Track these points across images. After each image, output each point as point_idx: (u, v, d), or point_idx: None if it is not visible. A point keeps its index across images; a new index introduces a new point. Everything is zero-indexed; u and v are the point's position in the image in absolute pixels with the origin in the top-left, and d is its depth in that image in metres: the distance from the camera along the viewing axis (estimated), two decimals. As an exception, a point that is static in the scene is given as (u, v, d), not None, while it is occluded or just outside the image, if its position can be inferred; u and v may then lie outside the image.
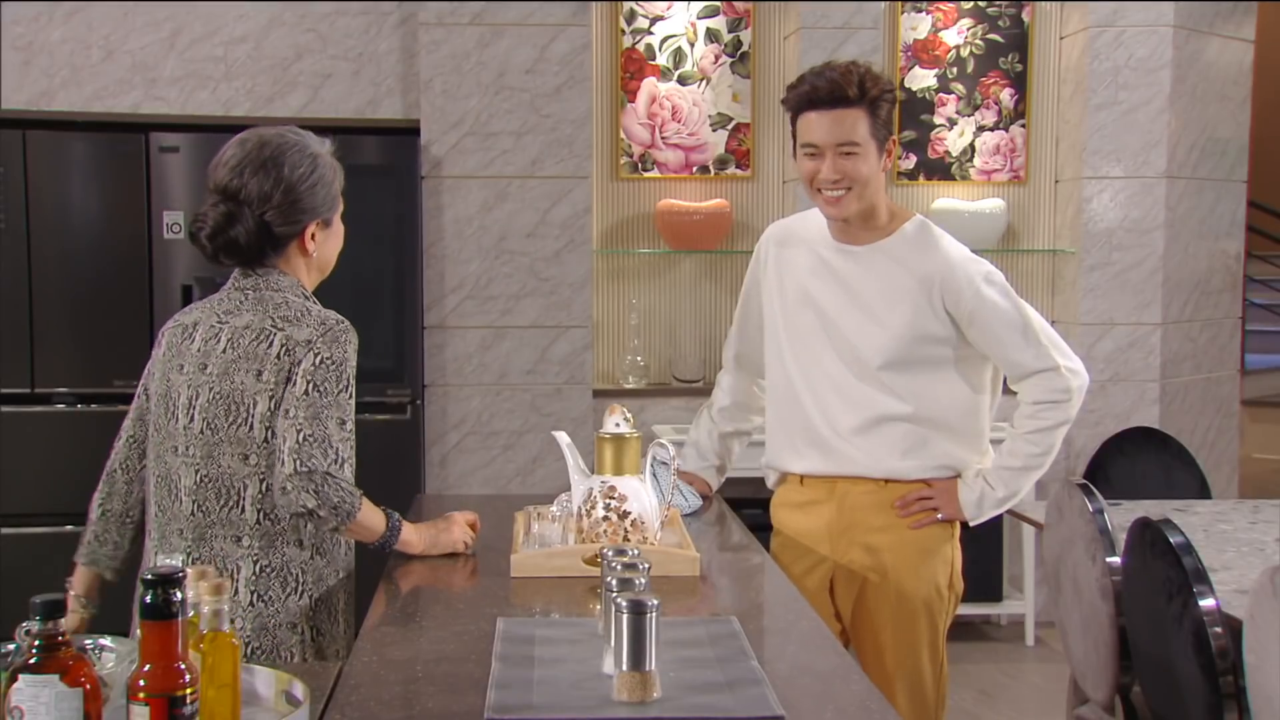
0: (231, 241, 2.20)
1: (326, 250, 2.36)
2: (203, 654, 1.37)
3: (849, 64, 2.54)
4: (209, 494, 2.13)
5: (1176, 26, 4.95)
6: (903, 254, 2.59)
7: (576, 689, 1.59)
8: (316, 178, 2.23)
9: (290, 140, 2.22)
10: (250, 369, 2.15)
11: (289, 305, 2.23)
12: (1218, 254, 5.30)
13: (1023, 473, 2.64)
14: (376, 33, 4.83)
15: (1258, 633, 2.04)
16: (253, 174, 2.18)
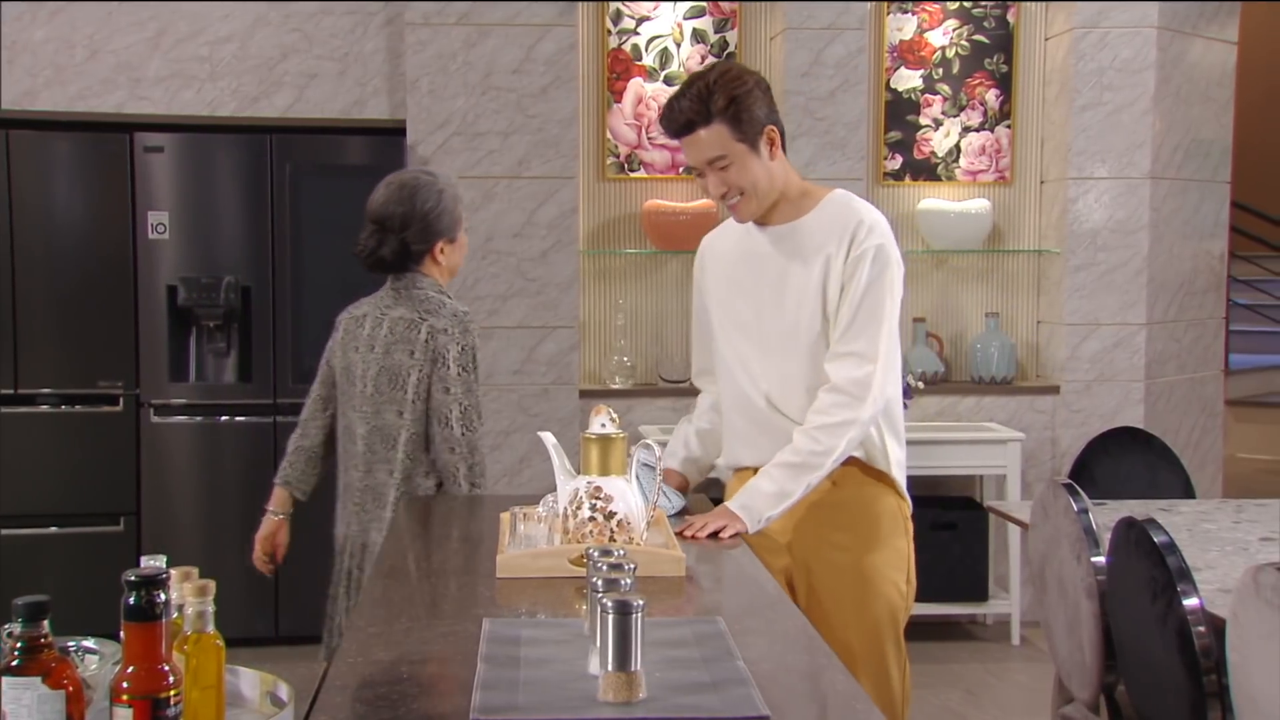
0: (380, 258, 2.92)
1: (454, 259, 3.00)
2: (187, 655, 1.36)
3: (697, 79, 2.51)
4: (375, 439, 2.90)
5: (1160, 28, 4.97)
6: (820, 227, 2.57)
7: (562, 690, 1.59)
8: (442, 209, 2.91)
9: (423, 180, 2.94)
10: (405, 349, 2.86)
11: (429, 300, 2.89)
12: (1202, 254, 5.32)
13: (799, 470, 2.46)
14: (363, 33, 4.82)
15: (1241, 632, 2.05)
16: (396, 207, 2.89)
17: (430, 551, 2.60)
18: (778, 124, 2.55)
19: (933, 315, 5.21)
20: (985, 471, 4.94)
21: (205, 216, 4.66)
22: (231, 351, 4.72)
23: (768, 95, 2.55)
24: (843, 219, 2.57)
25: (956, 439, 4.84)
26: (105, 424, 4.64)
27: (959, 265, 5.24)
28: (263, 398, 4.69)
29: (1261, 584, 1.97)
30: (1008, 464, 4.79)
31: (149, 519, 4.67)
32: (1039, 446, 5.06)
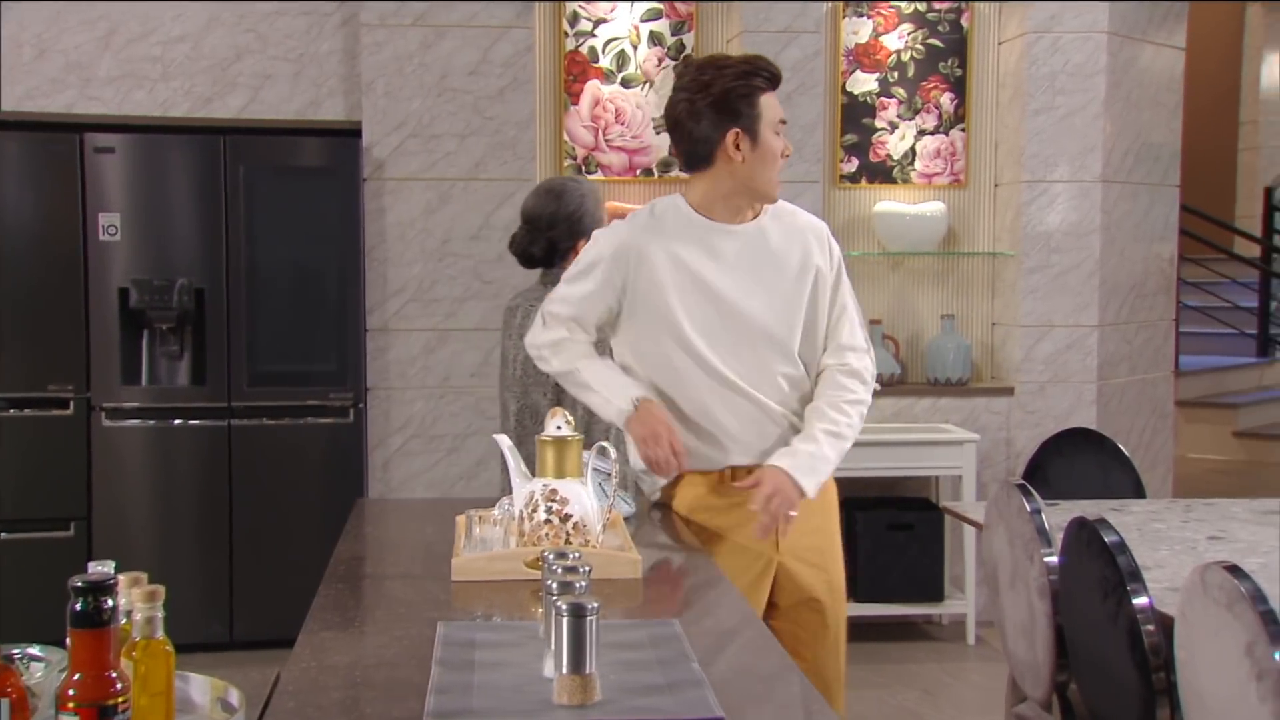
0: (530, 254, 3.21)
1: None
2: (135, 662, 1.34)
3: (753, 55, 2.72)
4: (525, 416, 3.11)
5: (1111, 33, 5.03)
6: (785, 231, 2.69)
7: (517, 693, 1.59)
8: (584, 210, 3.17)
9: (569, 185, 3.24)
10: None
11: None
12: (1152, 257, 5.39)
13: (839, 440, 2.63)
14: (318, 33, 4.79)
15: (1188, 630, 2.08)
16: (544, 207, 3.18)
17: (386, 555, 2.59)
18: None
19: (889, 317, 5.24)
20: (941, 472, 4.98)
21: (158, 218, 4.61)
22: (185, 354, 4.67)
23: None
24: (812, 227, 2.73)
25: (913, 440, 4.88)
26: (56, 428, 4.58)
27: (915, 267, 5.28)
28: (217, 401, 4.65)
29: (1208, 582, 1.99)
30: (963, 465, 4.83)
31: (100, 524, 4.61)
32: (994, 447, 5.10)
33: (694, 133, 2.59)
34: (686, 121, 2.59)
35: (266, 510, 4.70)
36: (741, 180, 2.62)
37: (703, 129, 2.58)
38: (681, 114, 2.60)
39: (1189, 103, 5.61)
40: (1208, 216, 8.21)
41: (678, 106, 2.61)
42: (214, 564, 4.67)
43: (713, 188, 2.64)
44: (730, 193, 2.64)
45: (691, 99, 2.58)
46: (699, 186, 2.66)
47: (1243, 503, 3.47)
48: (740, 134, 2.57)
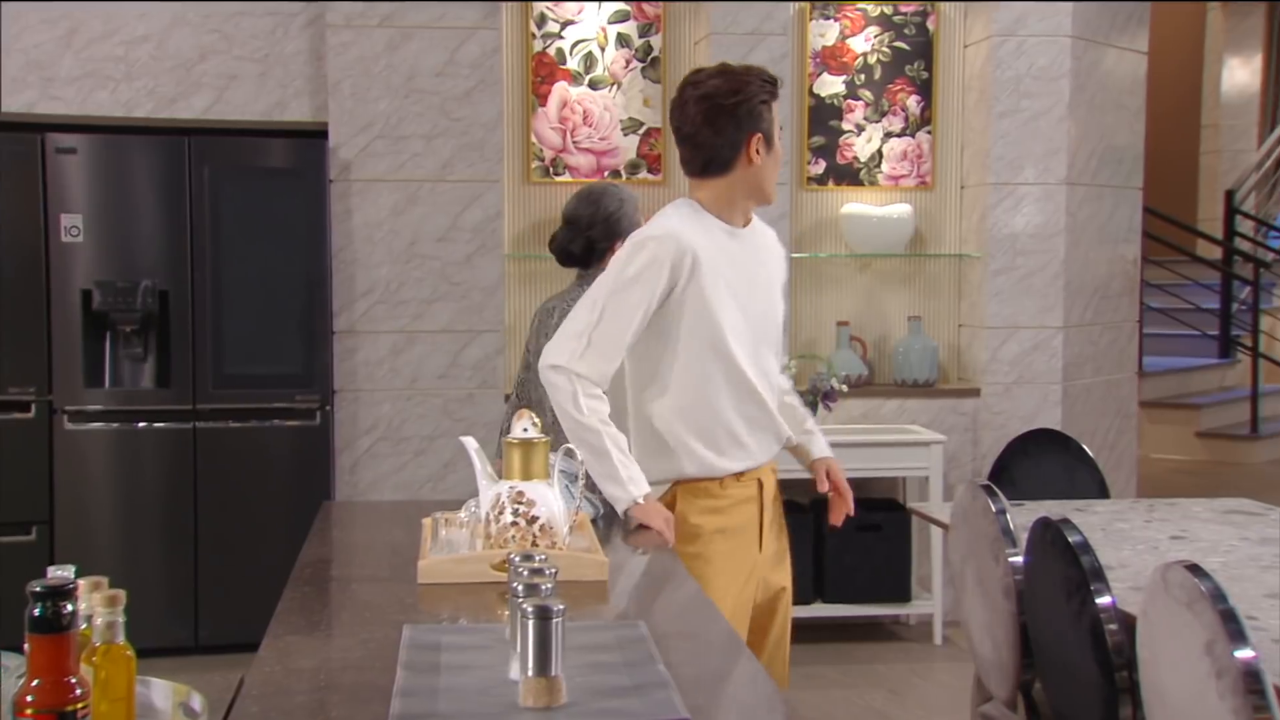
0: (570, 253, 3.40)
1: None
2: (95, 667, 1.33)
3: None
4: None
5: (1075, 37, 5.07)
6: (763, 234, 2.82)
7: (483, 695, 1.58)
8: (622, 213, 3.35)
9: (609, 189, 3.43)
10: None
11: None
12: (1116, 259, 5.44)
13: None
14: (283, 34, 4.76)
15: (1150, 628, 2.09)
16: (584, 209, 3.36)
17: (352, 558, 2.58)
18: None
19: (856, 319, 5.27)
20: (908, 473, 5.00)
21: (121, 219, 4.57)
22: (149, 357, 4.63)
23: None
24: (771, 231, 2.87)
25: (880, 441, 4.90)
26: (17, 431, 4.53)
27: (882, 269, 5.31)
28: (182, 404, 4.61)
29: (1170, 582, 2.01)
30: (930, 466, 4.85)
31: (63, 528, 4.56)
32: (960, 448, 5.13)
33: (719, 137, 2.63)
34: (711, 126, 2.62)
35: (232, 513, 4.67)
36: (755, 184, 2.68)
37: (729, 134, 2.63)
38: (709, 119, 2.62)
39: (1151, 106, 5.66)
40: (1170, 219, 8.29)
41: (703, 112, 2.62)
42: (179, 568, 4.63)
43: (728, 191, 2.67)
44: (743, 196, 2.69)
45: (719, 105, 2.62)
46: (713, 190, 2.68)
47: (1204, 502, 3.50)
48: (761, 139, 2.65)
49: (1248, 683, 1.81)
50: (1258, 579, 2.60)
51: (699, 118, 2.62)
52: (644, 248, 2.58)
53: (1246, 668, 1.82)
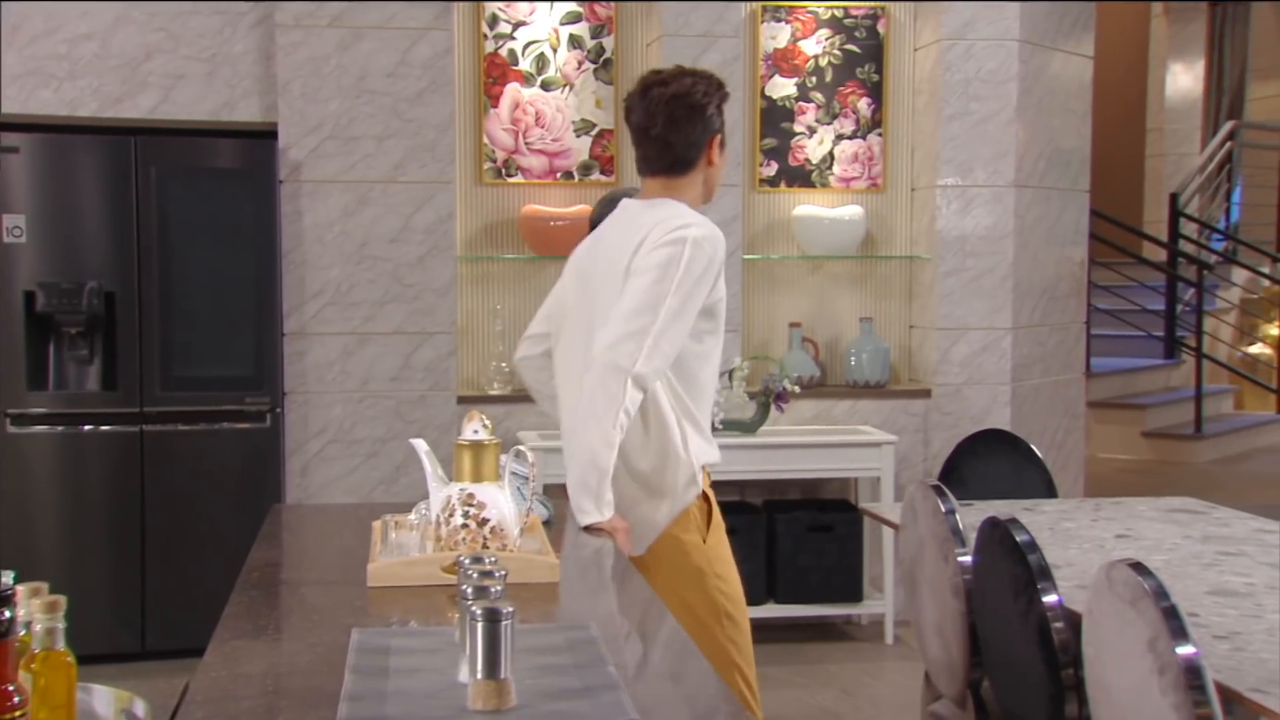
0: None
1: None
2: (35, 674, 1.31)
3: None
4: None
5: (1022, 41, 5.13)
6: None
7: (432, 699, 1.57)
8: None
9: (632, 192, 3.16)
10: None
11: None
12: (1064, 261, 5.50)
13: None
14: (231, 33, 4.72)
15: (1095, 626, 2.12)
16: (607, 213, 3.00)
17: (301, 561, 2.56)
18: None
19: (808, 320, 5.29)
20: (860, 474, 5.04)
21: (66, 220, 4.51)
22: (95, 359, 4.57)
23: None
24: None
25: (832, 442, 4.93)
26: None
27: (834, 271, 5.34)
28: (128, 406, 4.56)
29: (1114, 579, 2.04)
30: (882, 466, 4.88)
31: (6, 533, 4.49)
32: (911, 449, 5.17)
33: (688, 137, 2.65)
34: (682, 125, 2.64)
35: (181, 517, 4.62)
36: (710, 184, 2.74)
37: (696, 134, 2.66)
38: (679, 118, 2.64)
39: (1097, 110, 5.74)
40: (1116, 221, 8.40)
41: (674, 111, 2.63)
42: (125, 573, 4.57)
43: (695, 190, 2.71)
44: (704, 195, 2.74)
45: (695, 105, 2.64)
46: (688, 189, 2.71)
47: (1149, 501, 3.55)
48: (720, 140, 2.71)
49: (1189, 679, 1.84)
50: (1200, 576, 2.65)
51: (669, 117, 2.63)
52: (702, 247, 2.54)
53: (1187, 664, 1.85)
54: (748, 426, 4.87)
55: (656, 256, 2.53)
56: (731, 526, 4.68)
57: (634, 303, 2.50)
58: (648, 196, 2.71)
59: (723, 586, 2.65)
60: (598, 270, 2.67)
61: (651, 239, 2.56)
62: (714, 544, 2.68)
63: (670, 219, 2.59)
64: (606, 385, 2.45)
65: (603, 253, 2.68)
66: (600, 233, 2.78)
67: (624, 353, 2.45)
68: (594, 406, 2.46)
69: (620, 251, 2.60)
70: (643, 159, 2.71)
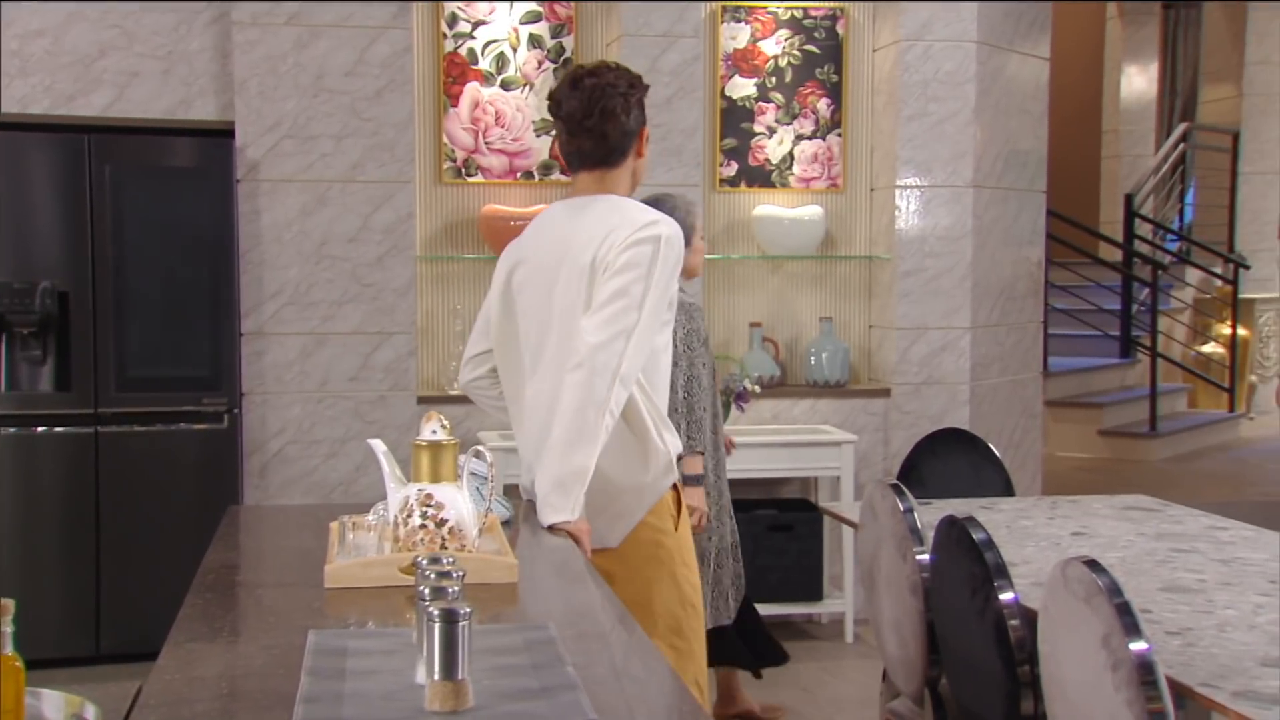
0: None
1: (690, 261, 3.63)
2: (-17, 679, 1.29)
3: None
4: (692, 385, 3.75)
5: (980, 42, 5.17)
6: None
7: (388, 701, 1.57)
8: (676, 218, 3.29)
9: (664, 200, 3.61)
10: None
11: None
12: (1021, 261, 5.55)
13: None
14: (187, 31, 4.67)
15: (1050, 623, 2.14)
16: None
17: (258, 563, 2.54)
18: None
19: (768, 320, 5.31)
20: (820, 473, 5.06)
21: (17, 219, 4.45)
22: (48, 359, 4.51)
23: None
24: None
25: (792, 442, 4.94)
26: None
27: (794, 271, 5.36)
28: (83, 407, 4.51)
29: (1069, 577, 2.06)
30: (842, 465, 4.91)
31: (-42, 537, 4.43)
32: (871, 448, 5.20)
33: (624, 126, 2.65)
34: (616, 117, 2.64)
35: (137, 519, 4.57)
36: (639, 176, 2.75)
37: (631, 123, 2.67)
38: (614, 110, 2.63)
39: (1054, 112, 5.79)
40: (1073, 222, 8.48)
41: (607, 103, 2.62)
42: (79, 576, 4.52)
43: (626, 183, 2.72)
44: (632, 186, 2.74)
45: (626, 95, 2.65)
46: (620, 182, 2.70)
47: (1104, 499, 3.59)
48: (647, 131, 2.74)
49: (1141, 674, 1.86)
50: (1153, 573, 2.68)
51: (603, 108, 2.63)
52: (672, 244, 2.56)
53: (1140, 660, 1.87)
54: (708, 426, 4.87)
55: (633, 255, 2.52)
56: (692, 526, 4.76)
57: (620, 303, 2.49)
58: (582, 193, 2.69)
59: (689, 575, 2.67)
60: (556, 269, 2.64)
61: (619, 236, 2.54)
62: (683, 533, 2.69)
63: (634, 216, 2.59)
64: (595, 387, 2.44)
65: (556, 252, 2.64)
66: (544, 232, 2.72)
67: (613, 353, 2.46)
68: (581, 407, 2.44)
69: (581, 248, 2.58)
70: (576, 152, 2.68)
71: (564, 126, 2.67)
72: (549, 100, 2.73)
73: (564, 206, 2.73)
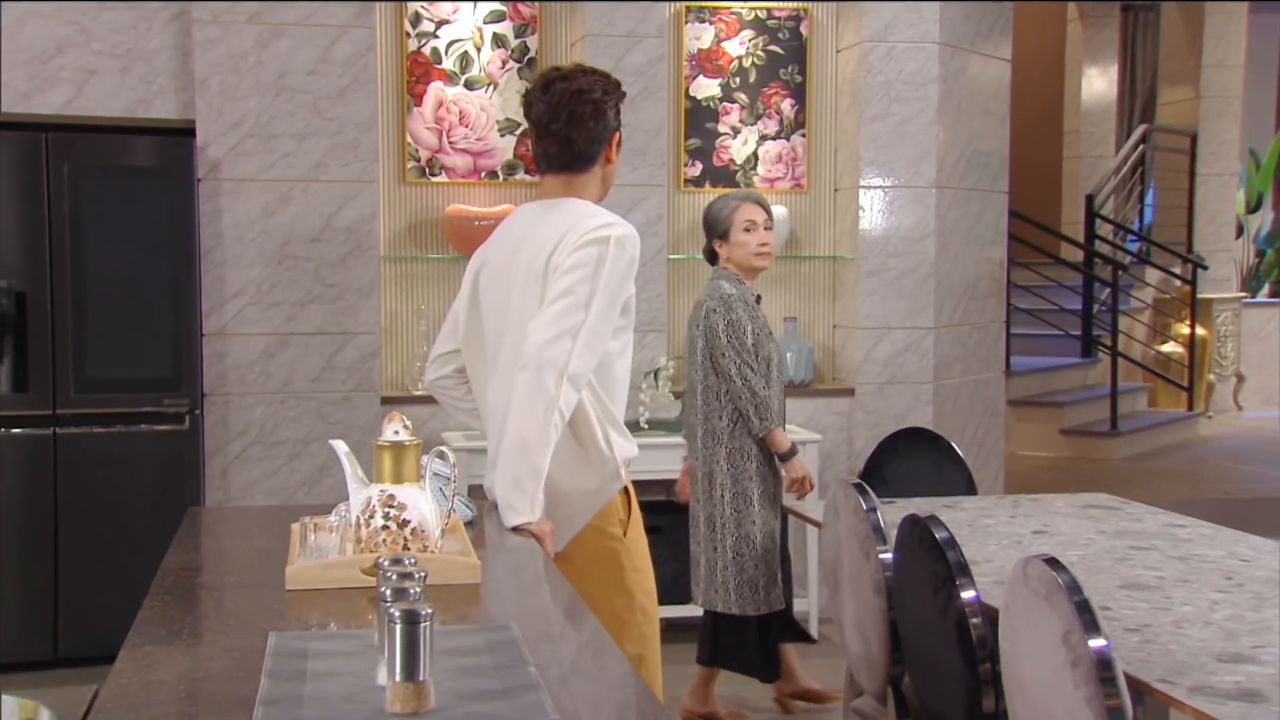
0: (709, 254, 4.16)
1: (735, 254, 4.04)
2: (-64, 685, 1.28)
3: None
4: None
5: (942, 44, 5.20)
6: None
7: (349, 703, 1.56)
8: (712, 217, 4.11)
9: (717, 200, 4.15)
10: (694, 324, 4.07)
11: (711, 285, 4.08)
12: (984, 261, 5.58)
13: None
14: (146, 29, 4.63)
15: (1011, 621, 2.15)
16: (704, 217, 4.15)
17: (218, 565, 2.52)
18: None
19: (732, 320, 5.31)
20: (783, 472, 5.05)
21: (-25, 218, 4.39)
22: (5, 360, 4.46)
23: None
24: None
25: (756, 441, 4.94)
26: None
27: (757, 271, 5.36)
28: (41, 409, 4.45)
29: (1029, 575, 2.07)
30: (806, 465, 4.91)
31: (-86, 540, 4.37)
32: (836, 447, 5.22)
33: (591, 133, 2.64)
34: (585, 122, 2.62)
35: (96, 522, 4.52)
36: (608, 182, 2.74)
37: (598, 131, 2.65)
38: (582, 115, 2.62)
39: (1016, 113, 5.83)
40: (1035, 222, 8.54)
41: (576, 107, 2.62)
42: (38, 579, 4.46)
43: (594, 188, 2.71)
44: (601, 192, 2.74)
45: (599, 102, 2.63)
46: (588, 187, 2.70)
47: (1065, 498, 3.62)
48: (619, 138, 2.72)
49: (1100, 671, 1.87)
50: (1113, 570, 2.70)
51: (571, 114, 2.62)
52: (624, 246, 2.55)
53: (1099, 657, 1.88)
54: (673, 426, 4.87)
55: (580, 255, 2.53)
56: (657, 525, 4.76)
57: (565, 302, 2.49)
58: (549, 195, 2.70)
59: (640, 580, 2.66)
60: (513, 272, 2.64)
61: (571, 238, 2.55)
62: (633, 538, 2.68)
63: (588, 218, 2.59)
64: (543, 385, 2.44)
65: (515, 253, 2.65)
66: (507, 235, 2.73)
67: (559, 351, 2.45)
68: (530, 406, 2.44)
69: (537, 250, 2.59)
70: (543, 155, 2.69)
71: (533, 129, 2.68)
72: (522, 100, 2.74)
73: (529, 209, 2.73)
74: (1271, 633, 2.22)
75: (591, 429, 2.60)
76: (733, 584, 3.97)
